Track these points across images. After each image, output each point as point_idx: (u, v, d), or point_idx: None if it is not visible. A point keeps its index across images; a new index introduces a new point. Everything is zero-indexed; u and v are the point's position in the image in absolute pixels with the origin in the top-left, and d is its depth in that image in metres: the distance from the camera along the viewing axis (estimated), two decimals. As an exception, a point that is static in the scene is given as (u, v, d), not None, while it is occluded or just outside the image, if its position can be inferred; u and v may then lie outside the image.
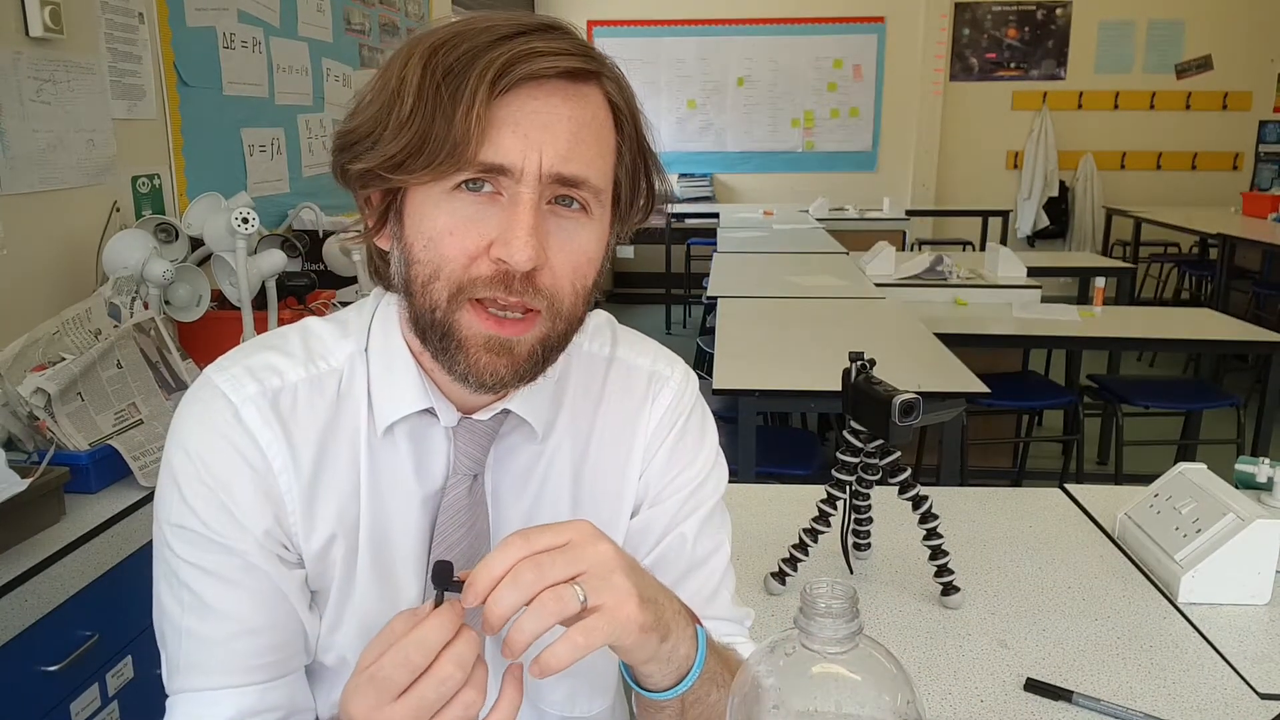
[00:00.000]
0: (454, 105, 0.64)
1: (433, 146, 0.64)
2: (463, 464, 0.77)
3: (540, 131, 0.65)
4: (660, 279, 7.13)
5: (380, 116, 0.67)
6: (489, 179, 0.66)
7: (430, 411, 0.75)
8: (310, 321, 0.80)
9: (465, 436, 0.76)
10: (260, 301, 2.19)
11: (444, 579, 0.61)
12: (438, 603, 0.61)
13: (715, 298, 3.38)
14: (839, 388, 1.23)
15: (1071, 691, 1.00)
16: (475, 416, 0.76)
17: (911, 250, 5.70)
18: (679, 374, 0.87)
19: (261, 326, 2.14)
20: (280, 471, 0.73)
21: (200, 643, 0.72)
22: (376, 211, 0.71)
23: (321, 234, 2.67)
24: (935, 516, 1.20)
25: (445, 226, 0.67)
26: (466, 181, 0.66)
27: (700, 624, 0.71)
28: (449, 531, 0.76)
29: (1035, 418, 4.40)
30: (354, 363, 0.77)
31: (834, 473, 1.24)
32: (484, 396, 0.75)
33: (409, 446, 0.77)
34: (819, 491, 1.26)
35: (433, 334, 0.69)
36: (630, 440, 0.84)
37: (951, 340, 2.75)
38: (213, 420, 0.73)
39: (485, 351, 0.68)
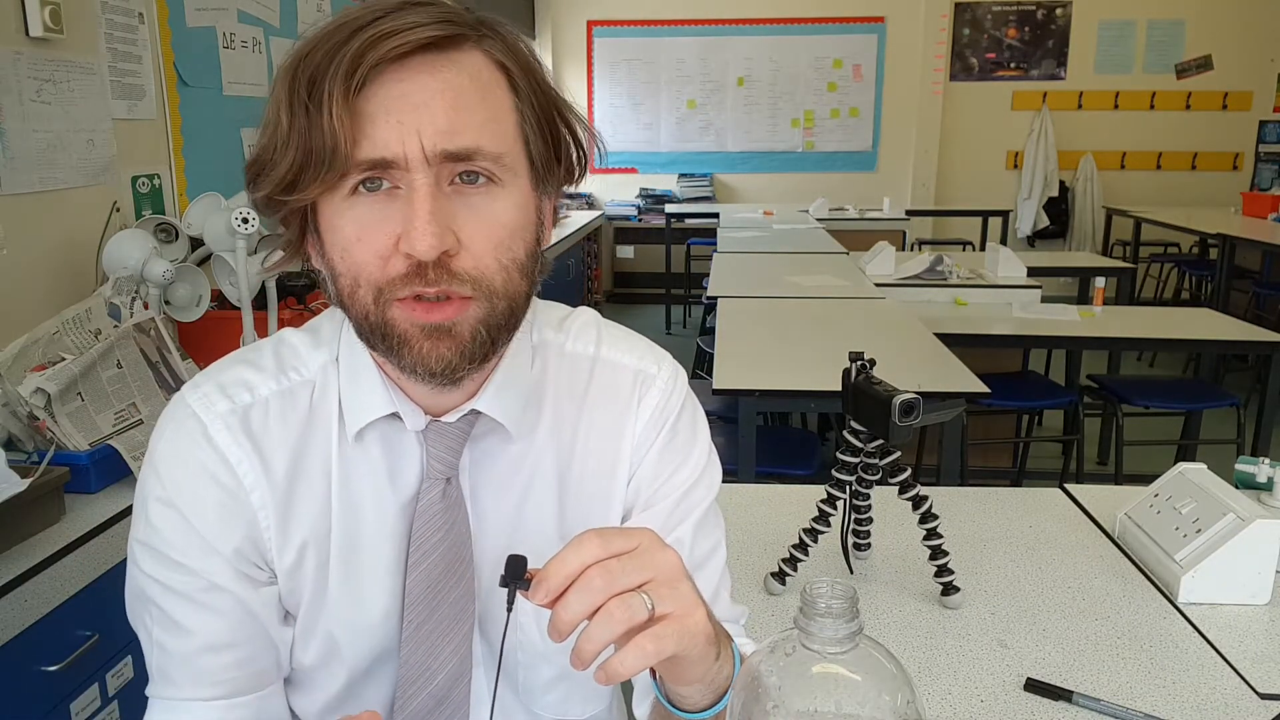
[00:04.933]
0: (320, 112, 0.62)
1: (316, 159, 0.63)
2: (435, 468, 0.76)
3: (413, 113, 0.63)
4: (660, 279, 7.13)
5: (268, 141, 0.65)
6: (382, 175, 0.64)
7: (397, 416, 0.75)
8: (286, 332, 0.80)
9: (435, 439, 0.75)
10: (260, 301, 2.19)
11: (515, 574, 0.61)
12: (509, 600, 0.60)
13: (715, 298, 3.38)
14: (839, 388, 1.22)
15: (1071, 691, 1.00)
16: (444, 419, 0.75)
17: (911, 250, 5.70)
18: (666, 372, 0.84)
19: (261, 327, 2.14)
20: (252, 488, 0.73)
21: (167, 655, 0.73)
22: (295, 234, 0.71)
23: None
24: (935, 516, 1.20)
25: (353, 234, 0.65)
26: (363, 182, 0.65)
27: (734, 641, 0.69)
28: (426, 536, 0.75)
29: (1035, 418, 4.40)
30: (327, 372, 0.77)
31: (834, 473, 1.24)
32: (452, 398, 0.74)
33: (381, 452, 0.76)
34: (819, 491, 1.26)
35: (374, 338, 0.68)
36: (617, 442, 0.81)
37: (951, 340, 2.75)
38: (183, 440, 0.73)
39: (426, 339, 0.67)
